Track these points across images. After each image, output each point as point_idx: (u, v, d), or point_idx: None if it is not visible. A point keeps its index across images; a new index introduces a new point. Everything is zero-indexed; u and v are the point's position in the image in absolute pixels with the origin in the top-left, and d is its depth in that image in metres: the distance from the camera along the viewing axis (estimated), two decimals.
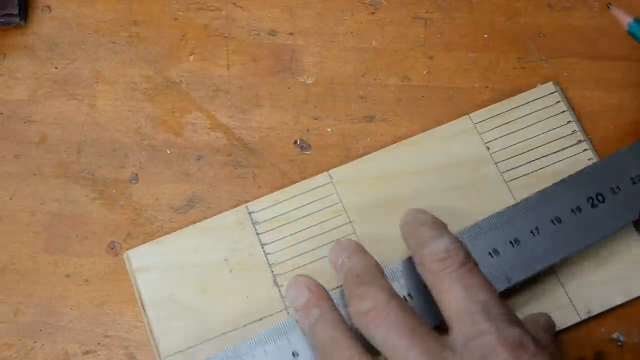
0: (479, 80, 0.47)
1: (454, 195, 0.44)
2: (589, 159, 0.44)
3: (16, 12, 0.48)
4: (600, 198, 0.41)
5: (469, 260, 0.35)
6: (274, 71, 0.48)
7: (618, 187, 0.41)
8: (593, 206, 0.41)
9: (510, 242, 0.40)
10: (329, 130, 0.46)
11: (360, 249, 0.39)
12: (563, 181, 0.42)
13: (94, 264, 0.44)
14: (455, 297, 0.34)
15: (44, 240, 0.44)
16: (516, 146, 0.45)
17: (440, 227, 0.38)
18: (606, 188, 0.41)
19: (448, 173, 0.44)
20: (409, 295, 0.39)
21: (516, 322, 0.33)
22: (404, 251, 0.42)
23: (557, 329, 0.41)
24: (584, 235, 0.41)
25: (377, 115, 0.46)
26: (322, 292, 0.37)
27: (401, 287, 0.39)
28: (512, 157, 0.44)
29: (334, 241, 0.42)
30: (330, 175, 0.44)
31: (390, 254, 0.42)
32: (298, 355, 0.38)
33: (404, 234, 0.39)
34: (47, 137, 0.47)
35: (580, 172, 0.42)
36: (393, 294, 0.35)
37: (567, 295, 0.41)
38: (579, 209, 0.41)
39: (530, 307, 0.41)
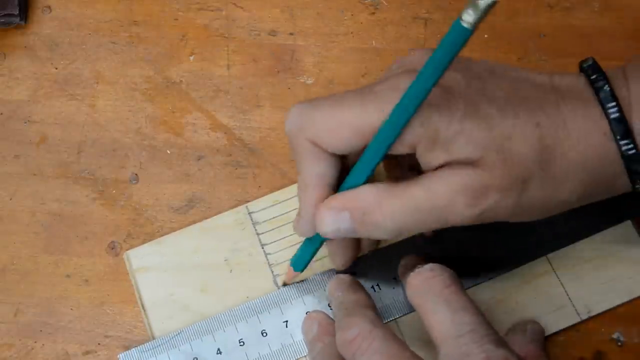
0: None
1: None
2: None
3: (16, 12, 0.48)
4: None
5: (454, 282, 0.36)
6: (274, 71, 0.48)
7: None
8: (566, 212, 0.42)
9: (480, 243, 0.42)
10: None
11: (353, 285, 0.40)
12: None
13: (94, 264, 0.44)
14: (441, 319, 0.35)
15: (44, 240, 0.44)
16: None
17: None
18: None
19: None
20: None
21: (502, 343, 0.34)
22: (401, 238, 0.42)
23: (557, 329, 0.41)
24: (553, 240, 0.42)
25: None
26: (329, 328, 0.39)
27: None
28: None
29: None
30: None
31: (385, 242, 0.42)
32: (267, 335, 0.40)
33: (399, 271, 0.40)
34: (47, 137, 0.47)
35: None
36: (376, 323, 0.36)
37: (567, 295, 0.41)
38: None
39: (530, 307, 0.41)
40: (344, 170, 0.36)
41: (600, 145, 0.34)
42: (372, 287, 0.41)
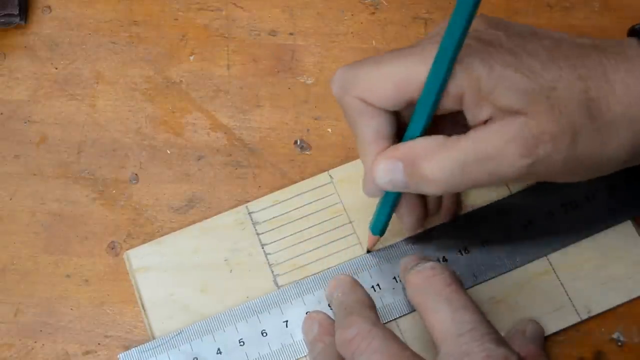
0: None
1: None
2: None
3: (16, 12, 0.48)
4: (574, 204, 0.42)
5: (454, 281, 0.36)
6: (274, 71, 0.48)
7: (593, 195, 0.43)
8: (566, 212, 0.42)
9: (481, 242, 0.42)
10: (329, 130, 0.46)
11: (353, 285, 0.40)
12: (540, 184, 0.43)
13: (94, 264, 0.44)
14: (441, 318, 0.35)
15: (44, 240, 0.44)
16: None
17: (428, 258, 0.39)
18: (580, 195, 0.42)
19: None
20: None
21: (502, 341, 0.34)
22: (404, 237, 0.42)
23: (557, 329, 0.41)
24: (553, 239, 0.42)
25: None
26: (329, 327, 0.39)
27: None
28: None
29: (335, 239, 0.43)
30: (330, 175, 0.44)
31: (391, 240, 0.42)
32: (267, 334, 0.40)
33: (400, 272, 0.40)
34: (47, 137, 0.47)
35: None
36: (376, 323, 0.36)
37: (567, 295, 0.41)
38: (551, 214, 0.42)
39: (530, 307, 0.41)
40: (402, 128, 0.36)
41: None
42: (372, 287, 0.41)
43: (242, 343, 0.40)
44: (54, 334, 0.43)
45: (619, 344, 0.42)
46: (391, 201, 0.39)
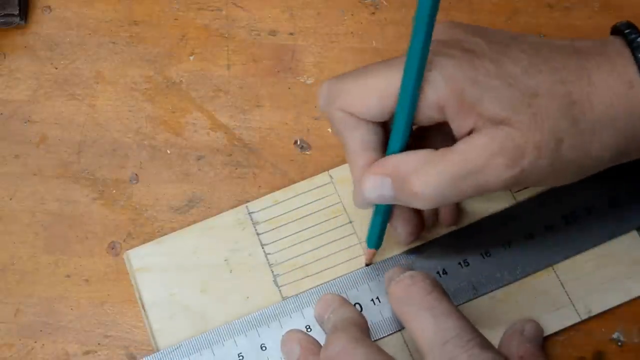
0: None
1: None
2: None
3: (16, 12, 0.48)
4: (575, 216, 0.42)
5: (435, 288, 0.36)
6: (274, 71, 0.48)
7: (594, 206, 0.42)
8: (567, 223, 0.42)
9: (481, 254, 0.41)
10: (329, 130, 0.46)
11: (343, 304, 0.39)
12: (539, 196, 0.43)
13: (94, 264, 0.44)
14: (424, 327, 0.35)
15: (44, 240, 0.44)
16: None
17: (411, 269, 0.39)
18: (581, 207, 0.42)
19: None
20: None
21: (487, 346, 0.34)
22: (403, 249, 0.42)
23: (557, 329, 0.41)
24: (555, 251, 0.42)
25: None
26: (311, 347, 0.38)
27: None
28: None
29: (335, 239, 0.43)
30: (330, 175, 0.44)
31: (390, 252, 0.42)
32: (266, 349, 0.40)
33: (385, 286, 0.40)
34: (47, 137, 0.47)
35: (558, 189, 0.42)
36: (359, 339, 0.35)
37: (567, 295, 0.41)
38: (552, 226, 0.42)
39: (530, 307, 0.41)
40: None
41: (626, 97, 0.34)
42: (372, 300, 0.41)
43: (241, 357, 0.40)
44: (54, 334, 0.43)
45: (619, 344, 0.42)
46: (382, 213, 0.39)
